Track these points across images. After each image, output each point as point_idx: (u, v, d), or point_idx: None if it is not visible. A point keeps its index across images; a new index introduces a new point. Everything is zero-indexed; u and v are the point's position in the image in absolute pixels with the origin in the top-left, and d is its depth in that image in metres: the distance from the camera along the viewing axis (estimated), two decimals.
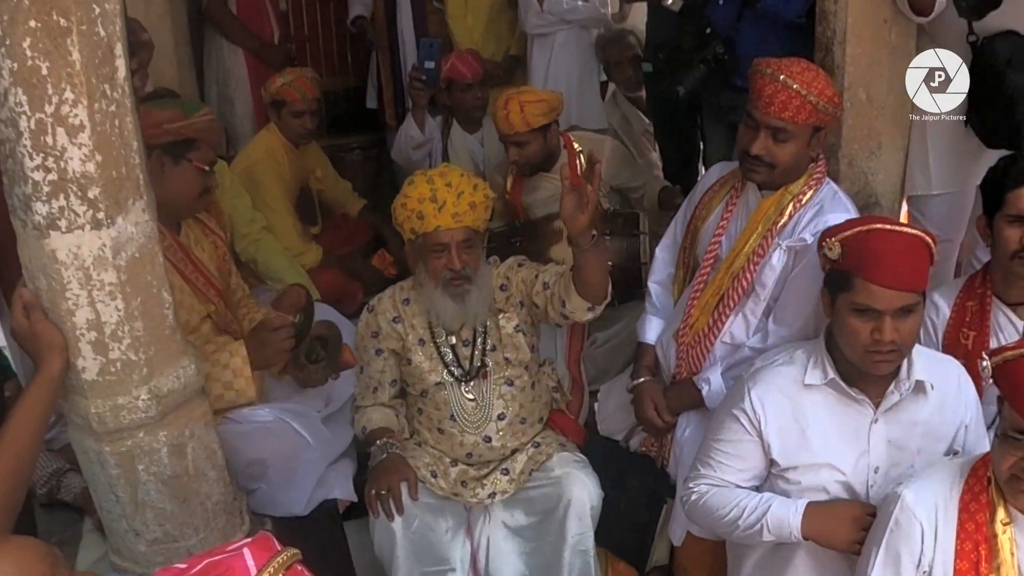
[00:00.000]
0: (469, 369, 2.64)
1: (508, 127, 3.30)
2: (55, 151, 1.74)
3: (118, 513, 2.11)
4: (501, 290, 2.66)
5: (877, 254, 1.97)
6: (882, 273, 1.95)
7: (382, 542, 2.50)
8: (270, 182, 3.67)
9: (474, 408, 2.65)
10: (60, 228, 1.79)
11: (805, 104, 2.33)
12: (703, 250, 2.65)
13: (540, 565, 2.65)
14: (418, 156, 4.04)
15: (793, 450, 2.12)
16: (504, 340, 2.66)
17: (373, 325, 2.67)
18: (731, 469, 2.20)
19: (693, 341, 2.61)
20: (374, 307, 2.69)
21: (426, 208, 2.45)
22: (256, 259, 3.49)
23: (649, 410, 2.66)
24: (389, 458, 2.54)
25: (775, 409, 2.12)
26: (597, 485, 2.61)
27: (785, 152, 2.39)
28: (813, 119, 2.37)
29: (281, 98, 3.75)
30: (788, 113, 2.33)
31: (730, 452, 2.19)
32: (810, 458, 2.11)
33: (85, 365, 1.91)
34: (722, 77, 3.29)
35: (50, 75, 1.69)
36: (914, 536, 1.85)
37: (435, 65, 3.88)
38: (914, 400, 2.09)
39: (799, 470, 2.13)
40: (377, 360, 2.67)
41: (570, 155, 2.52)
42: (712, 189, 2.71)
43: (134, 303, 1.91)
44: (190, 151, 2.38)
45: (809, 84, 2.33)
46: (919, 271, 1.98)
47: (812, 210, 2.45)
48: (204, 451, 2.13)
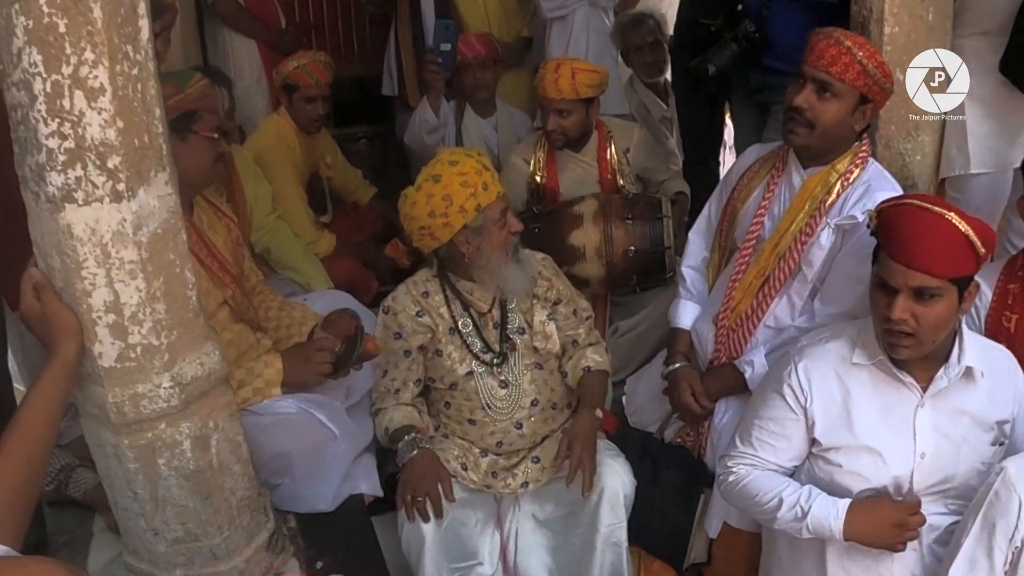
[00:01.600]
0: (499, 351, 2.55)
1: (556, 92, 3.20)
2: (72, 116, 1.60)
3: (136, 511, 1.98)
4: (541, 276, 2.62)
5: (899, 229, 1.93)
6: (899, 248, 1.91)
7: (410, 540, 2.40)
8: (282, 168, 3.55)
9: (505, 395, 2.55)
10: (76, 201, 1.66)
11: (854, 63, 2.28)
12: (743, 232, 2.58)
13: (568, 560, 2.57)
14: (432, 140, 3.92)
15: (837, 430, 2.06)
16: (536, 327, 2.58)
17: (394, 326, 2.54)
18: (772, 448, 2.14)
19: (734, 324, 2.55)
20: (390, 307, 2.56)
21: (486, 178, 2.38)
22: (270, 248, 3.38)
23: (687, 396, 2.59)
24: (420, 455, 2.43)
25: (821, 386, 2.07)
26: (630, 473, 2.53)
27: (828, 111, 2.32)
28: (861, 82, 2.30)
29: (293, 82, 3.64)
30: (836, 68, 2.29)
31: (772, 430, 2.13)
32: (853, 439, 2.05)
33: (102, 350, 1.78)
34: (752, 57, 3.23)
35: (68, 33, 1.56)
36: (1011, 510, 1.84)
37: (451, 47, 3.76)
38: (963, 387, 2.03)
39: (841, 452, 2.06)
40: (404, 361, 2.55)
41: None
42: (751, 170, 2.64)
43: (156, 283, 1.78)
44: (194, 123, 2.25)
45: (862, 45, 2.30)
46: (943, 256, 1.88)
47: (860, 188, 2.39)
48: (229, 443, 2.00)
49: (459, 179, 2.35)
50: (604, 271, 3.10)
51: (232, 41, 4.27)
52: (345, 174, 4.10)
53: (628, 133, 3.51)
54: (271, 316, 2.65)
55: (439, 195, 2.34)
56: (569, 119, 3.26)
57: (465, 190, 2.35)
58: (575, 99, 3.22)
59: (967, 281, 1.91)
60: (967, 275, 1.91)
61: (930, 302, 1.89)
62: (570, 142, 3.35)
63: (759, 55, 3.21)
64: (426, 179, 2.37)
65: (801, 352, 2.12)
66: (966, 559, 1.91)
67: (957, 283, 1.89)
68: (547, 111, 3.28)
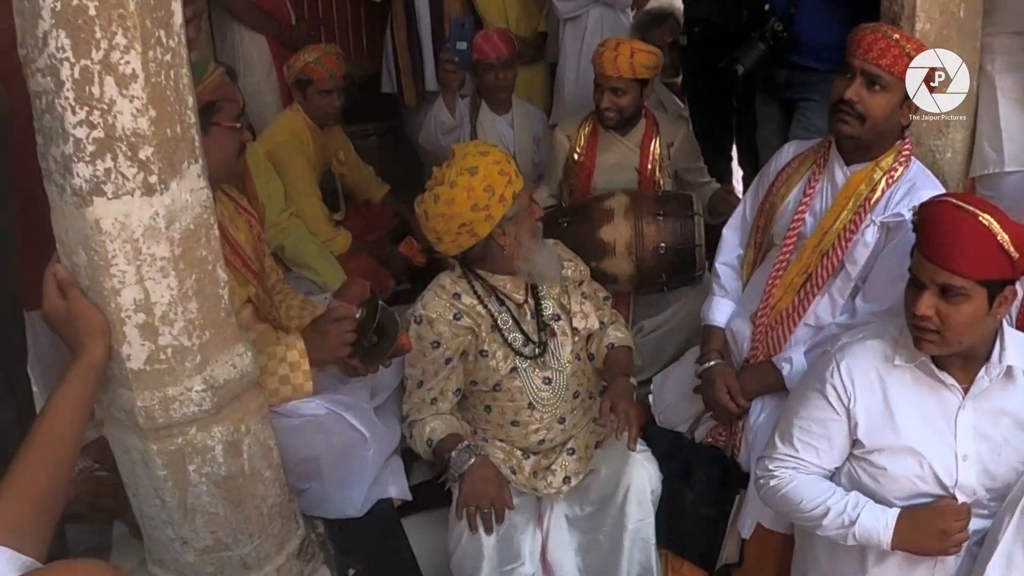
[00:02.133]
0: (540, 340, 2.52)
1: (614, 69, 3.20)
2: (102, 104, 1.52)
3: (163, 520, 1.89)
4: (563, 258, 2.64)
5: (931, 225, 1.91)
6: (928, 245, 1.90)
7: (468, 550, 2.37)
8: (296, 163, 3.48)
9: (550, 389, 2.52)
10: (106, 194, 1.57)
11: (903, 55, 2.28)
12: (783, 229, 2.55)
13: (598, 558, 2.57)
14: (447, 141, 3.83)
15: (879, 431, 2.02)
16: (574, 309, 2.60)
17: (430, 335, 2.44)
18: (813, 449, 2.09)
19: (774, 322, 2.51)
20: (423, 316, 2.46)
21: (514, 165, 2.38)
22: (283, 245, 3.30)
23: (722, 394, 2.54)
24: (480, 462, 2.38)
25: (864, 386, 2.03)
26: (657, 468, 2.52)
27: (878, 104, 2.31)
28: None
29: (307, 77, 3.56)
30: (886, 60, 2.28)
31: (814, 430, 2.09)
32: (896, 441, 2.01)
33: (131, 352, 1.69)
34: (779, 55, 3.20)
35: (99, 16, 1.48)
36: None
37: (467, 46, 3.69)
38: (1004, 387, 1.99)
39: (884, 454, 2.02)
40: (444, 370, 2.48)
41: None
42: (790, 167, 2.62)
43: (188, 281, 1.70)
44: (215, 115, 2.18)
45: (909, 39, 2.32)
46: (970, 256, 1.84)
47: (905, 186, 2.38)
48: (260, 448, 1.92)
49: (496, 167, 2.31)
50: (634, 267, 3.05)
51: (241, 36, 4.20)
52: (358, 171, 4.03)
53: (675, 128, 3.50)
54: (293, 315, 2.58)
55: (480, 187, 2.28)
56: (624, 98, 3.25)
57: (503, 178, 2.32)
58: (631, 78, 3.22)
59: (1000, 285, 1.86)
60: (998, 279, 1.85)
61: (956, 301, 1.85)
62: (621, 121, 3.32)
63: (787, 53, 3.18)
64: (460, 173, 2.30)
65: (843, 350, 2.08)
66: (1004, 556, 1.90)
67: (986, 285, 1.85)
68: (602, 88, 3.26)
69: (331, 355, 2.24)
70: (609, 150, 3.39)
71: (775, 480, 2.13)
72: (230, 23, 4.21)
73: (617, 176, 3.35)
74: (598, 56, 3.24)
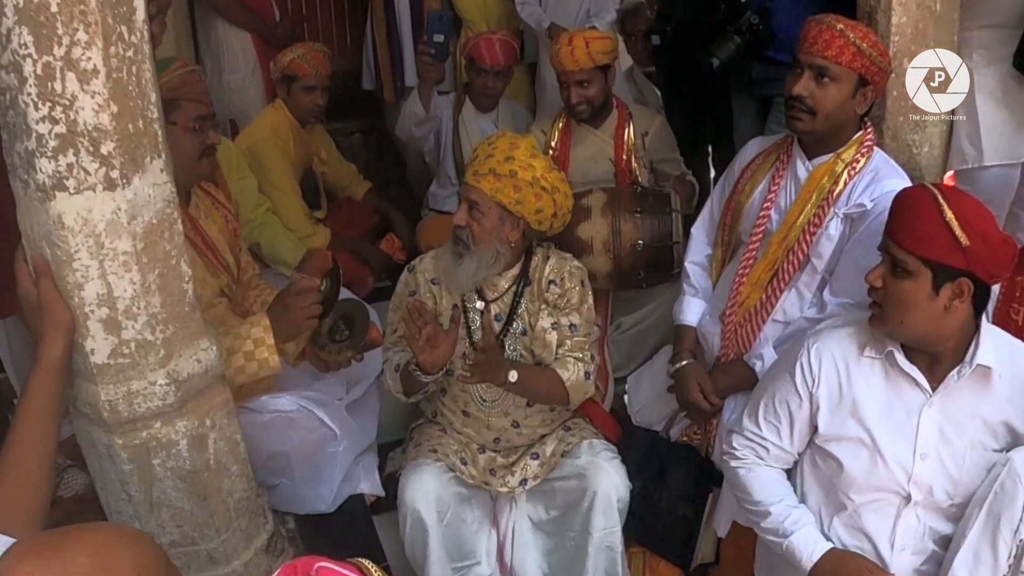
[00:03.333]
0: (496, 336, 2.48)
1: (573, 63, 3.21)
2: (64, 99, 1.53)
3: (130, 513, 1.90)
4: (551, 284, 2.52)
5: (897, 203, 1.96)
6: (889, 220, 1.95)
7: (414, 537, 2.35)
8: (276, 161, 3.47)
9: (498, 390, 2.49)
10: (68, 189, 1.58)
11: (848, 45, 2.27)
12: (749, 226, 2.54)
13: (562, 562, 2.55)
14: (421, 133, 3.87)
15: (839, 420, 2.03)
16: (537, 333, 2.51)
17: (412, 284, 2.52)
18: (775, 428, 2.11)
19: (743, 320, 2.51)
20: (414, 267, 2.55)
21: (478, 152, 2.38)
22: (260, 242, 3.30)
23: (695, 393, 2.54)
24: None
25: (830, 372, 2.04)
26: (625, 477, 2.49)
27: (827, 96, 2.30)
28: (857, 63, 2.28)
29: (292, 72, 3.56)
30: (831, 52, 2.27)
31: (779, 410, 2.10)
32: (852, 432, 2.01)
33: (94, 346, 1.70)
34: (755, 49, 3.18)
35: (60, 12, 1.49)
36: (1017, 502, 1.84)
37: (444, 39, 3.69)
38: (977, 388, 1.96)
39: (840, 444, 2.02)
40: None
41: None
42: (754, 163, 2.61)
43: (151, 275, 1.71)
44: (171, 113, 2.16)
45: (854, 27, 2.29)
46: (915, 231, 1.86)
47: (867, 177, 2.37)
48: (226, 443, 1.93)
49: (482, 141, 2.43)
50: (612, 265, 3.04)
51: (226, 33, 4.20)
52: (339, 169, 4.04)
53: (649, 118, 3.50)
54: None
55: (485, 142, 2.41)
56: (591, 88, 3.27)
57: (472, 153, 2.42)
58: (592, 67, 3.24)
59: (949, 273, 1.84)
60: (945, 263, 1.84)
61: (899, 276, 1.88)
62: (594, 112, 3.33)
63: (762, 47, 3.17)
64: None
65: (817, 335, 2.10)
66: (971, 552, 1.90)
67: (932, 267, 1.84)
68: (567, 84, 3.28)
69: (296, 328, 2.21)
70: (583, 143, 3.39)
71: (735, 461, 2.16)
72: (214, 20, 4.21)
73: (592, 168, 3.35)
74: (555, 56, 3.26)
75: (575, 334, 2.52)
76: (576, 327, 2.52)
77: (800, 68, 2.33)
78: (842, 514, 2.07)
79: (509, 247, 2.40)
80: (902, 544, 2.04)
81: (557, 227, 2.47)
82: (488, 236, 2.35)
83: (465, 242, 2.36)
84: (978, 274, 1.86)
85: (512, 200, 2.32)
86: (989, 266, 1.85)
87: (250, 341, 2.15)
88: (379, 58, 4.43)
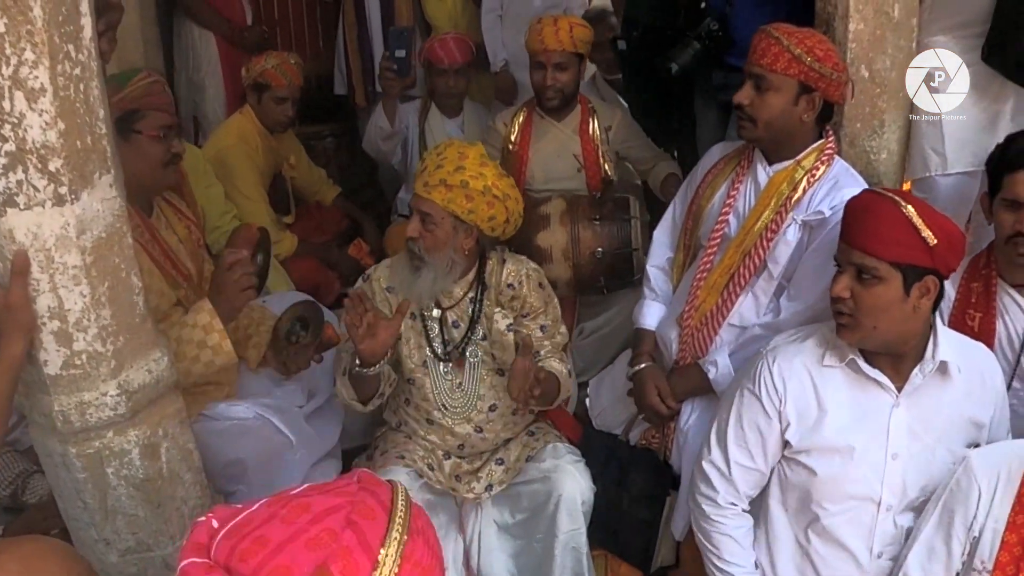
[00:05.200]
0: (451, 350, 2.51)
1: (556, 43, 3.26)
2: (12, 118, 1.56)
3: (86, 521, 1.93)
4: (508, 288, 2.53)
5: (851, 210, 1.97)
6: (846, 228, 1.96)
7: None
8: (243, 168, 3.49)
9: (460, 396, 2.52)
10: (18, 205, 1.61)
11: (783, 52, 2.28)
12: (708, 230, 2.56)
13: (530, 565, 2.56)
14: (388, 147, 3.91)
15: (810, 432, 2.04)
16: (495, 336, 2.53)
17: (367, 291, 2.52)
18: (747, 452, 2.11)
19: (699, 324, 2.52)
20: (369, 275, 2.56)
21: (427, 163, 2.37)
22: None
23: (652, 397, 2.56)
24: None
25: (796, 387, 2.04)
26: (589, 479, 2.51)
27: (767, 104, 2.33)
28: (794, 70, 2.29)
29: (265, 81, 3.58)
30: (766, 60, 2.30)
31: (748, 433, 2.10)
32: (825, 442, 2.02)
33: (47, 358, 1.74)
34: (715, 55, 3.20)
35: (8, 32, 1.52)
36: (971, 498, 1.86)
37: (406, 54, 3.77)
38: (939, 384, 2.01)
39: (813, 455, 2.03)
40: None
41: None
42: (715, 169, 2.63)
43: (101, 288, 1.74)
44: (136, 123, 2.19)
45: (791, 34, 2.30)
46: (883, 236, 1.88)
47: (827, 184, 2.39)
48: (179, 452, 1.96)
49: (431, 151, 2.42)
50: (571, 273, 3.07)
51: (194, 34, 4.24)
52: (309, 174, 4.06)
53: (611, 112, 3.53)
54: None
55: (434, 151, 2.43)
56: (566, 74, 3.31)
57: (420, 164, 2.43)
58: (572, 52, 3.29)
59: (917, 273, 1.89)
60: (913, 264, 1.88)
61: (870, 283, 1.89)
62: (562, 102, 3.36)
63: (722, 54, 3.18)
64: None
65: (775, 352, 2.10)
66: (924, 546, 1.93)
67: (902, 270, 1.88)
68: (544, 66, 3.30)
69: (234, 304, 2.22)
70: (545, 137, 3.41)
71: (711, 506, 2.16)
72: (186, 21, 4.25)
73: (555, 164, 3.37)
74: (538, 33, 3.27)
75: (548, 336, 2.57)
76: (546, 328, 2.57)
77: (744, 76, 2.37)
78: (816, 525, 2.09)
79: (463, 255, 2.42)
80: (880, 550, 2.07)
81: (509, 232, 2.49)
82: (442, 246, 2.37)
83: (418, 254, 2.37)
84: (941, 270, 1.91)
85: (465, 210, 2.34)
86: (950, 261, 1.91)
87: (198, 329, 2.16)
88: (351, 63, 4.48)
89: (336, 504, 1.01)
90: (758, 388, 2.07)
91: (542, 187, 3.44)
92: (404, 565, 1.00)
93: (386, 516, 1.02)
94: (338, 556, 0.97)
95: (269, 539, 0.98)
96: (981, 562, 1.84)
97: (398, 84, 3.78)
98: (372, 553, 0.98)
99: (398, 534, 1.00)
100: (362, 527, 0.99)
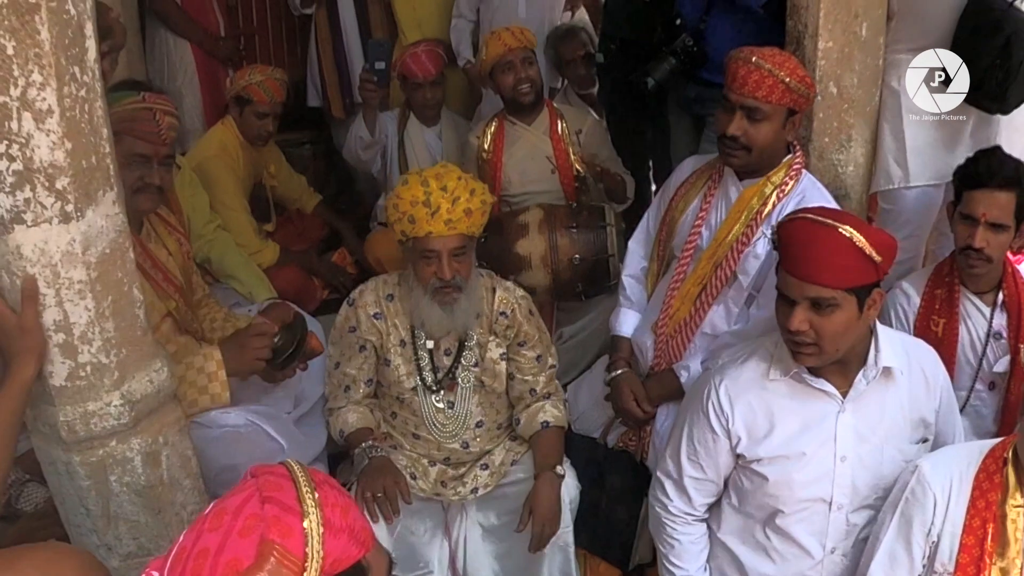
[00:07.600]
0: (441, 379, 2.55)
1: (515, 41, 3.42)
2: (20, 138, 1.60)
3: (88, 527, 1.97)
4: (501, 316, 2.57)
5: (792, 243, 1.95)
6: (792, 262, 1.94)
7: None
8: (224, 178, 3.52)
9: (449, 418, 2.57)
10: (26, 222, 1.65)
11: (778, 84, 2.34)
12: (681, 242, 2.64)
13: (516, 565, 2.61)
14: (368, 156, 3.95)
15: (760, 444, 2.09)
16: (487, 364, 2.57)
17: (352, 319, 2.54)
18: (699, 467, 2.19)
19: (673, 331, 2.60)
20: (355, 300, 2.55)
21: (418, 212, 2.31)
22: (210, 258, 3.34)
23: (629, 401, 2.64)
24: (376, 461, 2.43)
25: (743, 406, 2.10)
26: (574, 478, 2.57)
27: (761, 133, 2.39)
28: (787, 99, 2.37)
29: (247, 96, 3.60)
30: (761, 92, 2.35)
31: (699, 448, 2.17)
32: (776, 451, 2.08)
33: (53, 370, 1.78)
34: (690, 70, 3.29)
35: (16, 55, 1.56)
36: (927, 506, 1.89)
37: (385, 66, 3.83)
38: (883, 387, 2.06)
39: (763, 463, 2.09)
40: (357, 357, 2.55)
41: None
42: (688, 181, 2.70)
43: (104, 302, 1.78)
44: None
45: (781, 64, 2.36)
46: (835, 267, 1.89)
47: (795, 199, 2.46)
48: (179, 459, 2.01)
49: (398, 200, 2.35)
50: (550, 279, 3.15)
51: (169, 42, 4.24)
52: (289, 182, 4.09)
53: (580, 117, 3.63)
54: (216, 327, 2.66)
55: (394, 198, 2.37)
56: (532, 68, 3.48)
57: (396, 212, 2.36)
58: (531, 48, 3.50)
59: (867, 290, 1.93)
60: (865, 284, 1.92)
61: (827, 312, 1.90)
62: (536, 96, 3.49)
63: (696, 69, 3.27)
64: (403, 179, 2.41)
65: (721, 371, 2.14)
66: (887, 554, 1.97)
67: (855, 292, 1.90)
68: (513, 63, 3.44)
69: (246, 367, 2.32)
70: (518, 142, 3.50)
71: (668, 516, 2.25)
72: (160, 29, 4.25)
73: (530, 167, 3.46)
74: (497, 39, 3.43)
75: (543, 367, 2.62)
76: (541, 358, 2.61)
77: (731, 106, 2.38)
78: (772, 523, 2.16)
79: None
80: (832, 546, 2.14)
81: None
82: (472, 269, 2.45)
83: (458, 286, 2.38)
84: (881, 278, 1.97)
85: (478, 226, 2.40)
86: (888, 267, 1.96)
87: (204, 375, 2.23)
88: (325, 76, 4.50)
89: (246, 496, 1.13)
90: (707, 409, 2.12)
91: (519, 191, 3.52)
92: (325, 509, 1.12)
93: (291, 482, 1.14)
94: (271, 526, 1.08)
95: (208, 548, 1.08)
96: (942, 565, 1.89)
97: (378, 94, 3.83)
98: (295, 511, 1.10)
99: (308, 489, 1.13)
100: (277, 497, 1.11)
